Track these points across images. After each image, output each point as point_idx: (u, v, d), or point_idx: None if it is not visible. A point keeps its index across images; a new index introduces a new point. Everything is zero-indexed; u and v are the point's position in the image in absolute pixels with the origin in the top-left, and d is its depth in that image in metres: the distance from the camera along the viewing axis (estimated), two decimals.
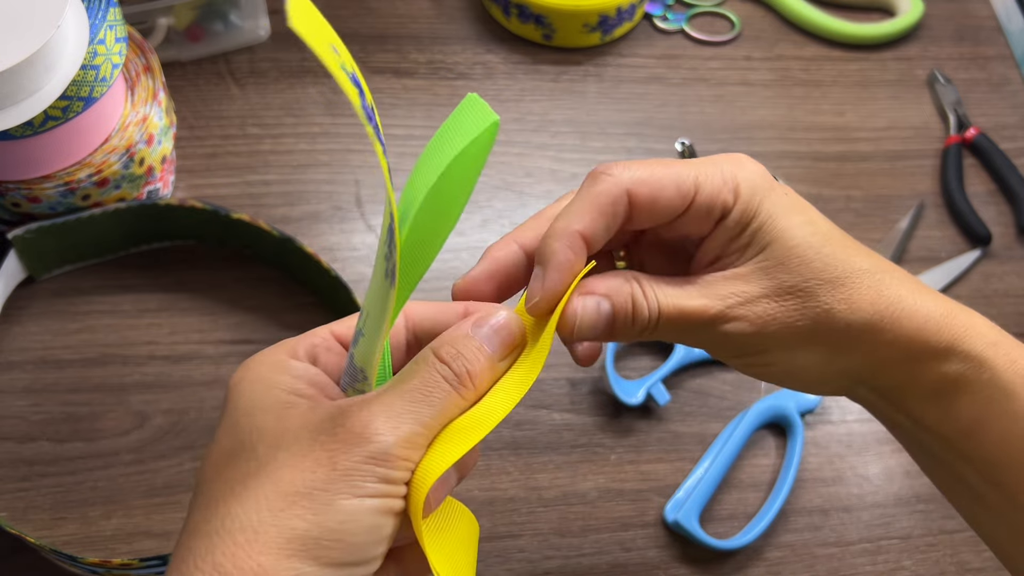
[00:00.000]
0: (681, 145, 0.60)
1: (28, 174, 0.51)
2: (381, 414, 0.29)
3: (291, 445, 0.29)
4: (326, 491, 0.28)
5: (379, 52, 0.68)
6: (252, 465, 0.29)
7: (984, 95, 0.72)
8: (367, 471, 0.28)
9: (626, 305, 0.34)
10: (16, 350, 0.54)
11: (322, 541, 0.27)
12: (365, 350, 0.31)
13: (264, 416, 0.30)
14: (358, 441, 0.28)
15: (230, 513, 0.28)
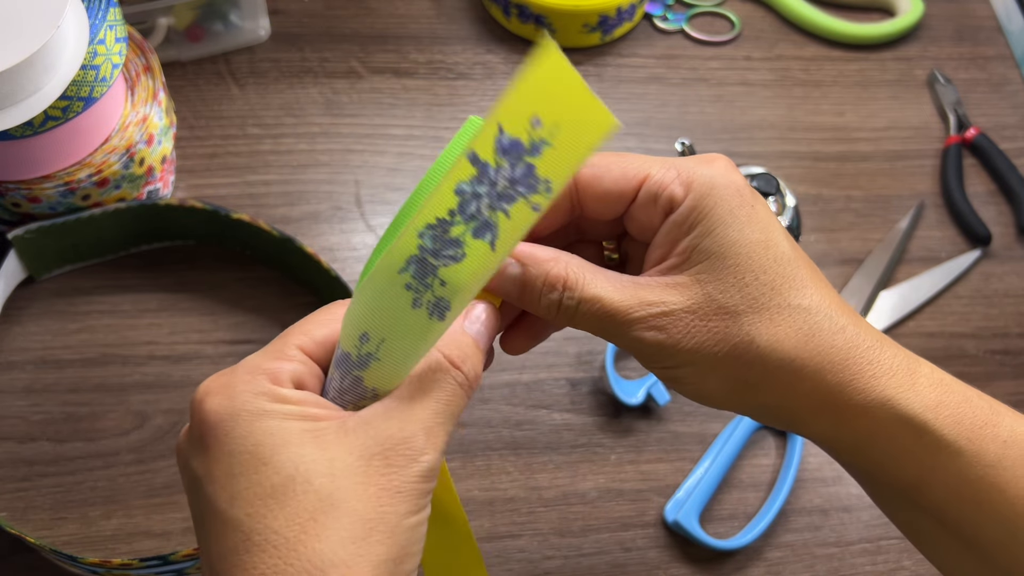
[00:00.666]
0: (681, 145, 0.60)
1: (28, 174, 0.51)
2: (421, 432, 0.30)
3: (349, 473, 0.29)
4: (395, 514, 0.29)
5: (379, 52, 0.68)
6: (314, 499, 0.29)
7: (984, 95, 0.72)
8: (422, 489, 0.30)
9: (538, 277, 0.33)
10: (16, 350, 0.54)
11: (398, 560, 0.29)
12: (384, 375, 0.31)
13: (300, 448, 0.29)
14: (409, 463, 0.29)
15: (318, 551, 0.28)
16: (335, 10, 0.70)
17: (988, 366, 0.61)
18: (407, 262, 0.29)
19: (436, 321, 0.30)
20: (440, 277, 0.29)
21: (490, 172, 0.29)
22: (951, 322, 0.62)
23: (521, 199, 0.29)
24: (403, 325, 0.30)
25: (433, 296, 0.29)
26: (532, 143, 0.28)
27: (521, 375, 0.57)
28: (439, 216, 0.29)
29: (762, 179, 0.57)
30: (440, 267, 0.29)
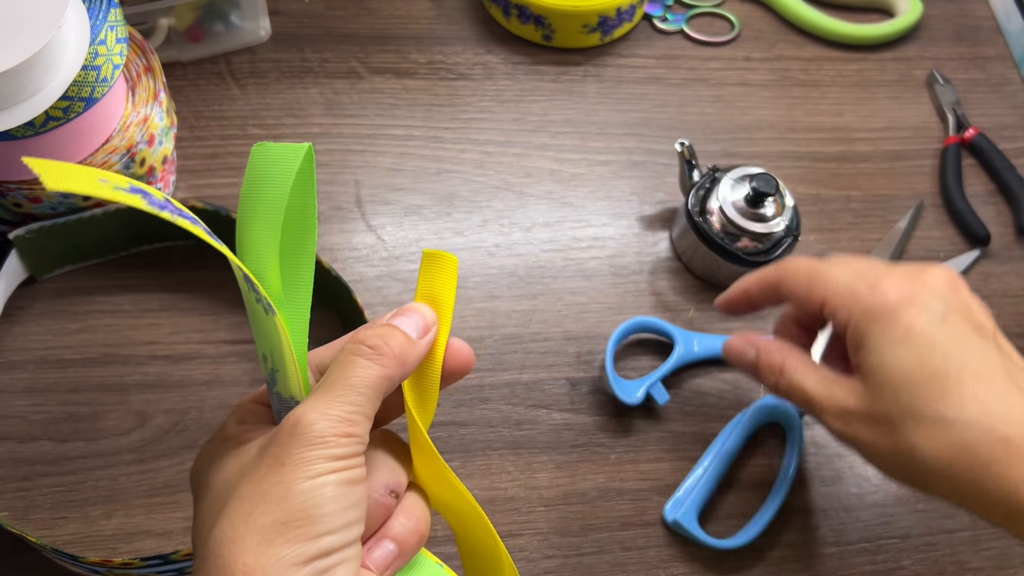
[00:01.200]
0: (680, 145, 0.60)
1: (29, 174, 0.51)
2: (308, 410, 0.32)
3: (248, 471, 0.32)
4: (280, 483, 0.31)
5: (379, 52, 0.68)
6: (222, 499, 0.32)
7: (983, 95, 0.73)
8: (312, 456, 0.31)
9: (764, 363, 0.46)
10: (17, 350, 0.55)
11: (291, 524, 0.30)
12: (285, 381, 0.34)
13: (227, 470, 0.33)
14: (295, 437, 0.31)
15: (211, 538, 0.31)
16: (335, 11, 0.70)
17: None
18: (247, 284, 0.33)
19: (272, 316, 0.33)
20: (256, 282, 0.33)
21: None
22: None
23: None
24: (268, 332, 0.34)
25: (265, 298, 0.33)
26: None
27: (521, 375, 0.57)
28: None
29: (761, 179, 0.57)
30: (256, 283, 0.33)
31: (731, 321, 0.60)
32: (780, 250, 0.58)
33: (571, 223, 0.63)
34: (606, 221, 0.63)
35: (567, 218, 0.63)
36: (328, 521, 0.31)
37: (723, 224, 0.58)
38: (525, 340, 0.58)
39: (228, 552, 0.30)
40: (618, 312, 0.60)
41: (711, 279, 0.61)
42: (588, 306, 0.60)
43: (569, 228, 0.63)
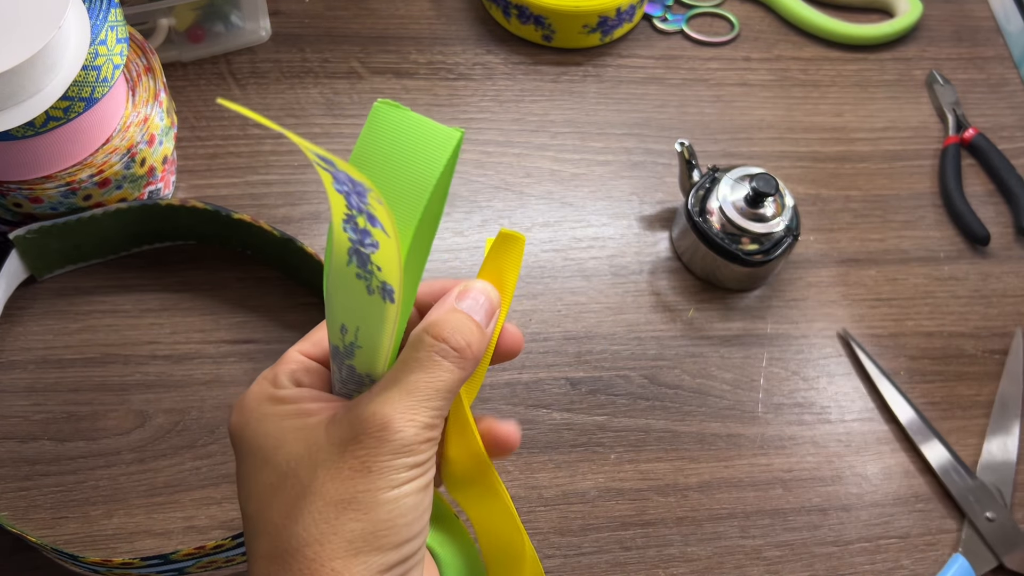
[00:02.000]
0: (680, 145, 0.61)
1: (30, 174, 0.51)
2: (395, 412, 0.32)
3: (325, 461, 0.32)
4: (367, 491, 0.31)
5: (379, 53, 0.69)
6: (298, 488, 0.32)
7: (983, 95, 0.73)
8: (398, 464, 0.31)
9: None
10: (18, 350, 0.55)
11: (377, 533, 0.31)
12: (369, 359, 0.33)
13: (292, 445, 0.32)
14: (382, 442, 0.31)
15: (294, 534, 0.31)
16: (336, 11, 0.70)
17: (987, 366, 0.61)
18: (349, 255, 0.31)
19: (389, 304, 0.31)
20: (374, 263, 0.31)
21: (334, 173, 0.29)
22: (950, 322, 0.62)
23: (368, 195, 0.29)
24: (366, 311, 0.32)
25: (377, 281, 0.31)
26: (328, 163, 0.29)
27: (521, 375, 0.57)
28: (345, 212, 0.30)
29: (761, 179, 0.57)
30: (370, 254, 0.31)
31: (731, 321, 0.60)
32: (780, 250, 0.58)
33: (571, 223, 0.63)
34: (606, 221, 0.63)
35: (567, 218, 0.63)
36: (408, 530, 0.32)
37: (723, 224, 0.58)
38: (525, 340, 0.58)
39: (315, 554, 0.30)
40: (618, 312, 0.60)
41: (711, 279, 0.61)
42: (588, 306, 0.60)
43: (569, 228, 0.63)
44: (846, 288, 0.63)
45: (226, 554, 0.46)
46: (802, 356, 0.60)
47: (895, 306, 0.62)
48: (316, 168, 0.30)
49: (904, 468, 0.57)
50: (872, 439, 0.57)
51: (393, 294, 0.31)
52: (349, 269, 0.32)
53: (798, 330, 0.61)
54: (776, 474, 0.55)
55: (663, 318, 0.60)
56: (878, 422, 0.58)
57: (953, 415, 0.59)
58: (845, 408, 0.58)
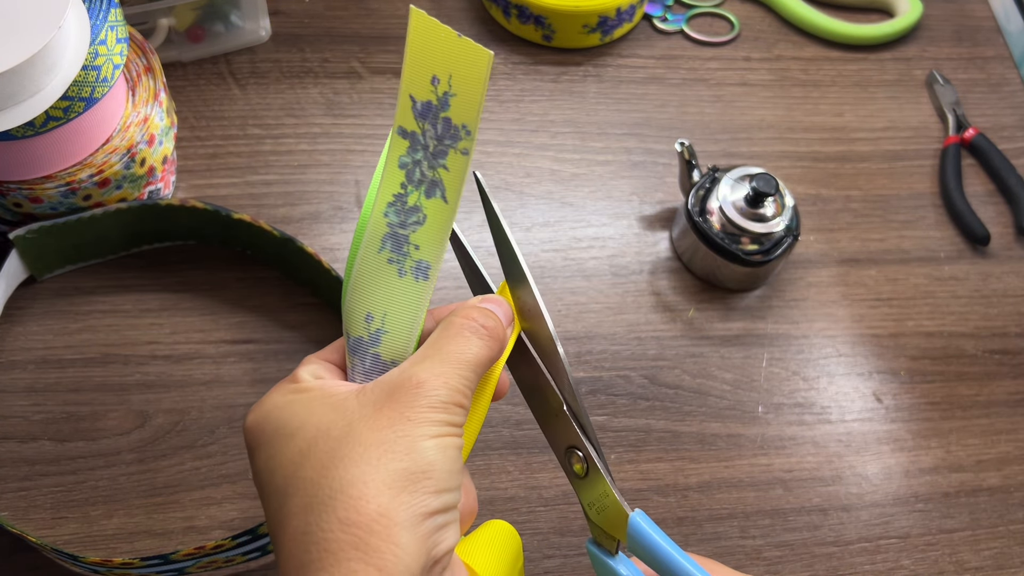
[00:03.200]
0: (680, 145, 0.61)
1: (30, 174, 0.51)
2: (428, 373, 0.33)
3: (361, 419, 0.32)
4: (409, 436, 0.31)
5: (379, 52, 0.68)
6: (331, 444, 0.32)
7: (983, 95, 0.73)
8: (436, 417, 0.32)
9: None
10: (18, 350, 0.55)
11: (419, 475, 0.31)
12: (396, 345, 0.35)
13: (319, 416, 0.33)
14: (417, 396, 0.32)
15: (334, 478, 0.31)
16: (336, 11, 0.70)
17: (987, 366, 0.61)
18: (382, 241, 0.34)
19: (423, 282, 0.34)
20: (412, 243, 0.34)
21: (419, 138, 0.33)
22: (950, 322, 0.62)
23: (451, 150, 0.33)
24: (397, 294, 0.34)
25: (412, 261, 0.34)
26: (439, 99, 0.33)
27: None
28: (395, 193, 0.33)
29: (761, 179, 0.57)
30: (410, 234, 0.34)
31: (731, 321, 0.60)
32: (780, 250, 0.58)
33: (571, 223, 0.63)
34: (606, 221, 0.63)
35: (567, 218, 0.63)
36: (447, 480, 0.32)
37: (723, 224, 0.58)
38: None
39: (360, 493, 0.30)
40: (618, 312, 0.60)
41: (711, 279, 0.61)
42: (588, 306, 0.60)
43: (569, 228, 0.63)
44: (846, 288, 0.63)
45: (226, 554, 0.46)
46: (802, 356, 0.60)
47: (895, 306, 0.62)
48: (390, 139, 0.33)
49: (904, 468, 0.57)
50: (872, 439, 0.57)
51: (429, 271, 0.34)
52: (380, 255, 0.34)
53: (798, 330, 0.61)
54: (776, 474, 0.55)
55: (663, 318, 0.60)
56: (878, 422, 0.58)
57: (953, 415, 0.59)
58: (845, 408, 0.58)
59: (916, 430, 0.58)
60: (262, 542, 0.47)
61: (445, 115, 0.33)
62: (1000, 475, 0.57)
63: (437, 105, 0.33)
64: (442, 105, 0.33)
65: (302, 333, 0.56)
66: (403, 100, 0.33)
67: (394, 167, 0.33)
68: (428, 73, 0.32)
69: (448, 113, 0.33)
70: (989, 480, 0.57)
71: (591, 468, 0.38)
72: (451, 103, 0.32)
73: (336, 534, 0.30)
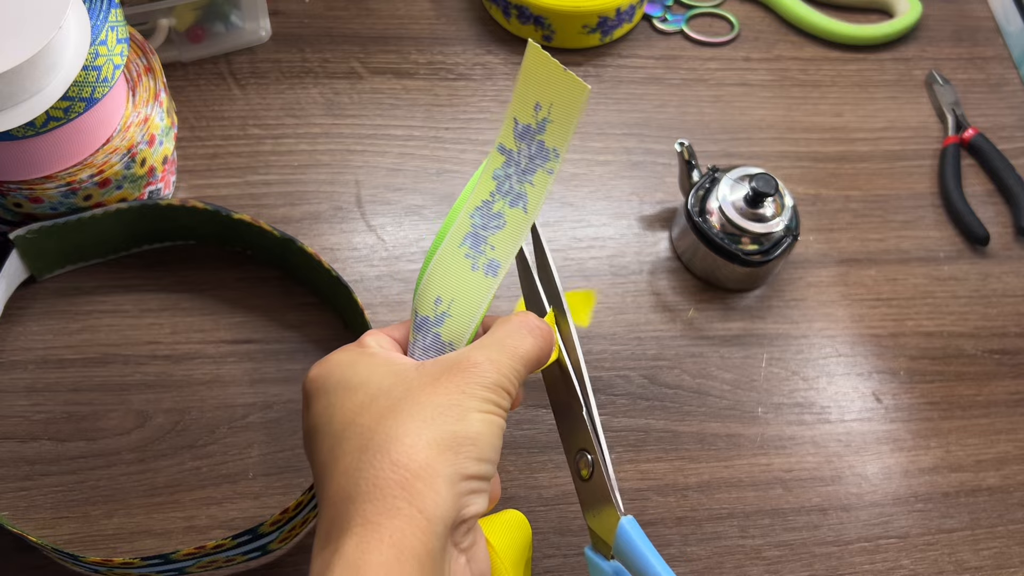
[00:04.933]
0: (680, 145, 0.61)
1: (30, 174, 0.51)
2: (484, 358, 0.36)
3: (422, 385, 0.35)
4: (461, 406, 0.35)
5: (379, 53, 0.69)
6: (391, 401, 0.35)
7: (982, 95, 0.73)
8: (486, 395, 0.35)
9: None
10: (18, 350, 0.55)
11: (465, 441, 0.34)
12: (457, 328, 0.39)
13: (382, 379, 0.36)
14: (472, 374, 0.36)
15: (388, 427, 0.34)
16: (336, 11, 0.70)
17: (986, 366, 0.61)
18: (464, 238, 0.39)
19: (491, 278, 0.39)
20: (490, 243, 0.39)
21: (514, 156, 0.39)
22: (949, 322, 0.62)
23: (539, 169, 0.39)
24: (467, 285, 0.39)
25: (486, 259, 0.39)
26: (538, 124, 0.38)
27: None
28: (483, 199, 0.39)
29: (761, 179, 0.57)
30: (489, 236, 0.39)
31: (731, 321, 0.60)
32: (780, 250, 0.58)
33: (571, 223, 0.63)
34: (606, 221, 0.63)
35: (567, 218, 0.63)
36: (488, 451, 0.35)
37: (723, 224, 0.58)
38: None
39: (412, 442, 0.33)
40: (618, 312, 0.60)
41: (711, 279, 0.61)
42: None
43: (569, 228, 0.63)
44: (846, 288, 0.63)
45: (226, 554, 0.46)
46: (802, 356, 0.60)
47: (895, 306, 0.62)
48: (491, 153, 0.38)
49: (904, 468, 0.57)
50: (872, 439, 0.57)
51: (499, 269, 0.39)
52: (460, 250, 0.39)
53: (798, 330, 0.61)
54: (776, 474, 0.56)
55: (663, 318, 0.60)
56: (878, 422, 0.58)
57: (953, 415, 0.59)
58: (845, 408, 0.58)
59: (915, 430, 0.58)
60: (262, 542, 0.47)
61: (540, 138, 0.38)
62: (999, 475, 0.57)
63: (535, 129, 0.37)
64: (539, 129, 0.37)
65: (302, 333, 0.57)
66: (508, 122, 0.38)
67: (488, 178, 0.39)
68: (533, 100, 0.37)
69: (543, 136, 0.38)
70: (988, 480, 0.57)
71: (595, 473, 0.40)
72: (547, 128, 0.37)
73: (387, 472, 0.33)
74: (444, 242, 0.39)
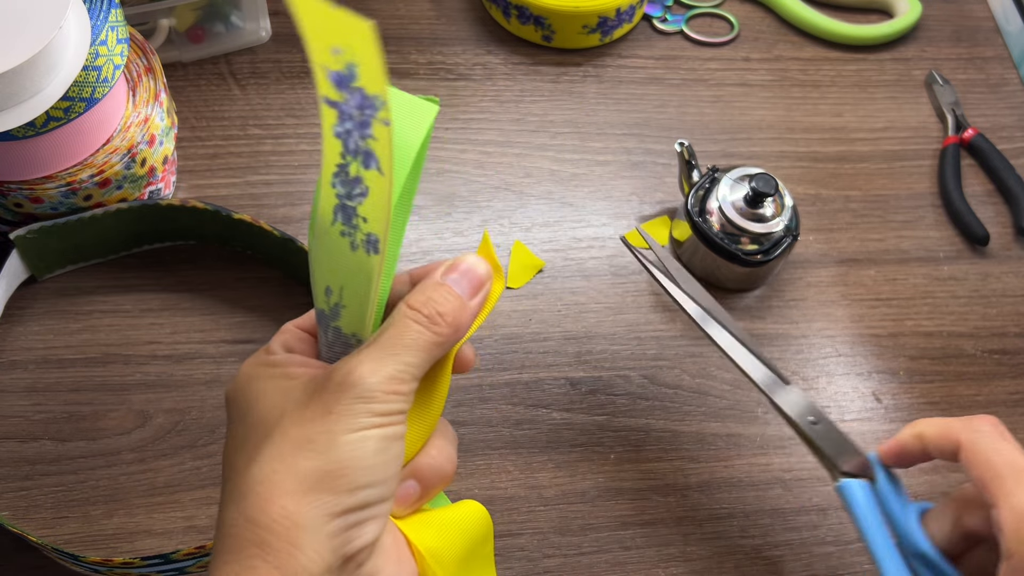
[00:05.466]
0: (680, 145, 0.61)
1: (30, 174, 0.51)
2: (363, 362, 0.32)
3: (292, 409, 0.33)
4: (327, 432, 0.31)
5: None
6: (262, 434, 0.33)
7: (982, 96, 0.73)
8: (360, 409, 0.32)
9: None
10: (18, 350, 0.55)
11: (332, 473, 0.31)
12: (354, 318, 0.34)
13: (269, 399, 0.33)
14: (346, 388, 0.32)
15: (249, 474, 0.32)
16: None
17: (986, 366, 0.61)
18: (334, 212, 0.33)
19: (374, 256, 0.33)
20: (360, 215, 0.32)
21: (343, 107, 0.31)
22: (949, 322, 0.62)
23: (373, 120, 0.31)
24: (351, 268, 0.33)
25: (362, 234, 0.33)
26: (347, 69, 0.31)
27: (521, 374, 0.57)
28: (337, 162, 0.32)
29: (760, 179, 0.57)
30: (357, 206, 0.32)
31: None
32: (780, 250, 0.58)
33: (571, 223, 0.63)
34: (606, 221, 0.63)
35: (567, 218, 0.63)
36: (367, 475, 0.31)
37: (723, 224, 0.58)
38: (525, 340, 0.58)
39: (267, 491, 0.31)
40: (618, 312, 0.60)
41: (711, 279, 0.61)
42: (588, 306, 0.60)
43: (569, 228, 0.63)
44: (846, 288, 0.63)
45: None
46: (801, 356, 0.60)
47: (894, 306, 0.63)
48: (321, 108, 0.31)
49: (904, 468, 0.57)
50: (872, 439, 0.57)
51: (378, 244, 0.32)
52: (334, 228, 0.33)
53: (798, 330, 0.61)
54: (776, 474, 0.56)
55: (663, 318, 0.60)
56: (877, 422, 0.58)
57: (952, 415, 0.59)
58: (845, 408, 0.58)
59: None
60: None
61: (356, 85, 0.31)
62: None
63: (347, 75, 0.31)
64: (351, 76, 0.31)
65: None
66: (317, 70, 0.31)
67: (331, 136, 0.32)
68: (326, 45, 0.31)
69: (358, 83, 0.31)
70: None
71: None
72: (357, 72, 0.31)
73: (241, 530, 0.31)
74: (316, 221, 0.34)
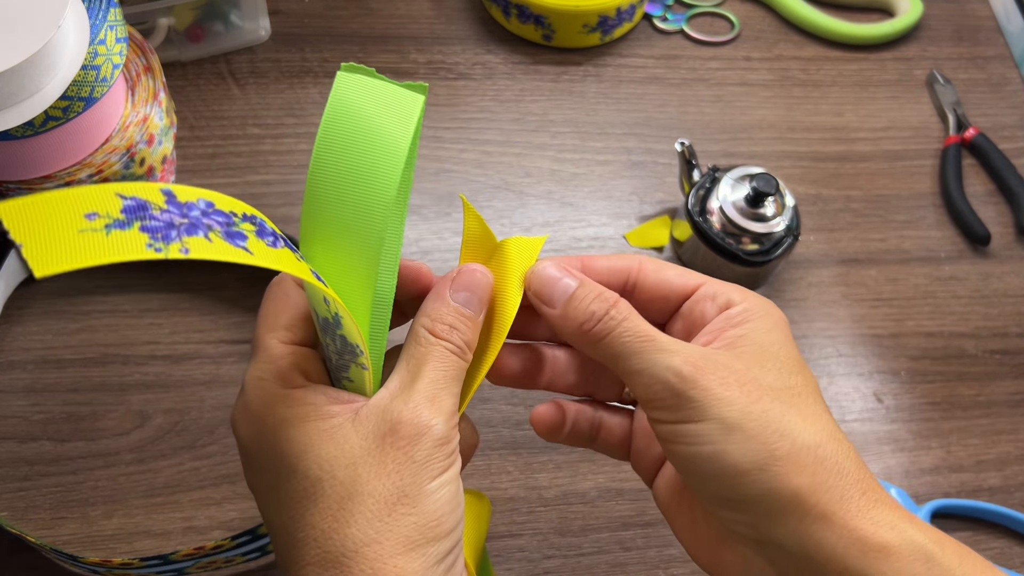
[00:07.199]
0: (680, 145, 0.60)
1: (29, 174, 0.51)
2: (424, 404, 0.33)
3: (366, 459, 0.32)
4: (414, 484, 0.32)
5: (379, 53, 0.68)
6: (340, 490, 0.32)
7: (983, 95, 0.73)
8: (438, 455, 0.32)
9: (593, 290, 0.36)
10: (17, 350, 0.55)
11: (430, 524, 0.32)
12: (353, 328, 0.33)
13: (320, 448, 0.32)
14: (420, 434, 0.32)
15: (348, 536, 0.31)
16: (335, 11, 0.70)
17: (987, 366, 0.61)
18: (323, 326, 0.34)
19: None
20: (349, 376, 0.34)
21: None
22: (950, 322, 0.62)
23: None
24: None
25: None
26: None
27: None
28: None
29: (761, 179, 0.57)
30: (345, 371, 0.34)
31: None
32: (780, 250, 0.58)
33: (571, 223, 0.63)
34: (606, 221, 0.63)
35: (567, 218, 0.63)
36: (454, 516, 0.33)
37: (723, 224, 0.58)
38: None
39: (376, 554, 0.31)
40: None
41: None
42: None
43: (569, 228, 0.63)
44: (846, 288, 0.63)
45: (225, 554, 0.46)
46: (803, 356, 0.60)
47: (896, 306, 0.62)
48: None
49: (904, 468, 0.56)
50: (872, 439, 0.57)
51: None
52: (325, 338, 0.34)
53: (798, 330, 0.61)
54: None
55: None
56: (878, 422, 0.58)
57: (953, 415, 0.59)
58: (845, 408, 0.58)
59: (916, 430, 0.58)
60: (262, 542, 0.47)
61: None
62: (1000, 475, 0.57)
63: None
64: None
65: None
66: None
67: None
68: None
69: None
70: (989, 480, 0.57)
71: None
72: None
73: None
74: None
